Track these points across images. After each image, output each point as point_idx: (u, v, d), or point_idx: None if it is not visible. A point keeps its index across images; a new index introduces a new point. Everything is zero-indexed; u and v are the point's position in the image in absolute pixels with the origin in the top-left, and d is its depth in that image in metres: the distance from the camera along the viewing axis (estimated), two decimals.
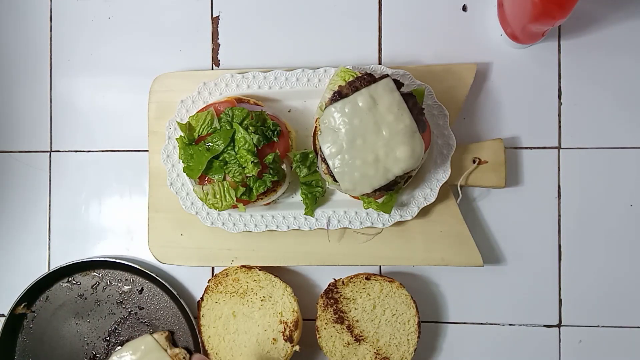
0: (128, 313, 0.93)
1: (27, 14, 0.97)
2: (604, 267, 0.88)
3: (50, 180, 0.96)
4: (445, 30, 0.90)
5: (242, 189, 0.82)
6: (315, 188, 0.86)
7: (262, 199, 0.85)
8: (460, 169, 0.87)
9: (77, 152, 0.96)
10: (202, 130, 0.83)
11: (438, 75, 0.87)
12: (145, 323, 0.93)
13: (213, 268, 0.93)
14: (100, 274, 0.94)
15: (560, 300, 0.89)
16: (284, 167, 0.85)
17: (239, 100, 0.86)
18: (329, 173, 0.80)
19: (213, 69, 0.94)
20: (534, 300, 0.89)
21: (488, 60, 0.90)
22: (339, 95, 0.79)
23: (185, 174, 0.84)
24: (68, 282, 0.94)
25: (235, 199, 0.82)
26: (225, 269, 0.90)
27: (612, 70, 0.88)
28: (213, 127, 0.83)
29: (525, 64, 0.89)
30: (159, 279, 0.91)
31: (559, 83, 0.89)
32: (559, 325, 0.89)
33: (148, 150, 0.92)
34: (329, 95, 0.80)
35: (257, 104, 0.86)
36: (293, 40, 0.92)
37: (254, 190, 0.82)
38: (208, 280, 0.90)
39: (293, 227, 0.87)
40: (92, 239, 0.95)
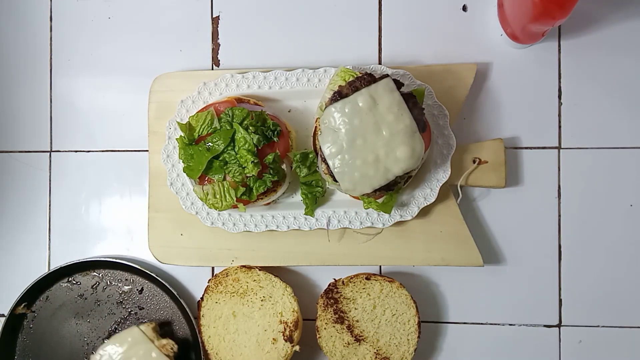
0: (128, 313, 0.93)
1: (27, 14, 0.97)
2: (604, 267, 0.88)
3: (50, 180, 0.96)
4: (445, 30, 0.90)
5: (242, 189, 0.82)
6: (315, 188, 0.86)
7: (262, 199, 0.85)
8: (460, 169, 0.87)
9: (77, 152, 0.96)
10: (202, 130, 0.83)
11: (438, 75, 0.87)
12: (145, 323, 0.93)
13: (213, 268, 0.93)
14: (100, 274, 0.94)
15: (560, 300, 0.89)
16: (284, 167, 0.85)
17: (239, 100, 0.86)
18: (329, 173, 0.80)
19: (213, 69, 0.94)
20: (534, 300, 0.89)
21: (488, 60, 0.90)
22: (339, 95, 0.79)
23: (185, 174, 0.84)
24: (68, 282, 0.94)
25: (235, 199, 0.82)
26: (225, 269, 0.90)
27: (612, 70, 0.88)
28: (213, 127, 0.83)
29: (525, 64, 0.89)
30: (159, 279, 0.91)
31: (559, 83, 0.89)
32: (559, 325, 0.89)
33: (148, 150, 0.92)
34: (329, 95, 0.80)
35: (257, 104, 0.86)
36: (293, 40, 0.92)
37: (254, 190, 0.82)
38: (208, 280, 0.90)
39: (293, 227, 0.87)
40: (92, 239, 0.95)
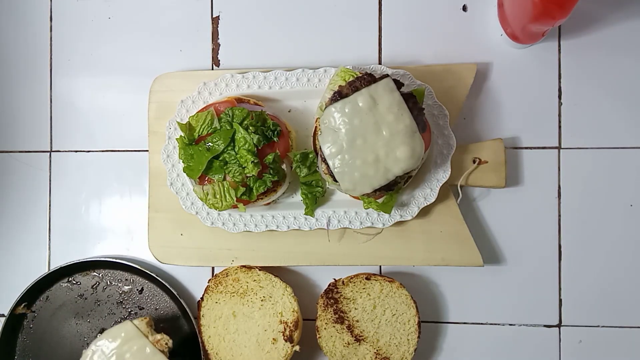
0: (128, 313, 0.93)
1: (27, 14, 0.97)
2: (604, 267, 0.88)
3: (50, 180, 0.96)
4: (445, 30, 0.90)
5: (242, 189, 0.82)
6: (316, 188, 0.86)
7: (262, 199, 0.85)
8: (461, 169, 0.87)
9: (77, 152, 0.96)
10: (202, 130, 0.83)
11: (438, 75, 0.87)
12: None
13: (213, 268, 0.93)
14: (100, 274, 0.94)
15: (560, 300, 0.89)
16: (284, 167, 0.85)
17: (239, 100, 0.86)
18: (329, 173, 0.80)
19: (213, 69, 0.94)
20: (534, 300, 0.89)
21: (488, 60, 0.90)
22: (339, 95, 0.79)
23: (185, 174, 0.84)
24: (68, 282, 0.94)
25: (235, 199, 0.82)
26: (225, 269, 0.90)
27: (612, 70, 0.88)
28: (213, 127, 0.83)
29: (525, 64, 0.89)
30: (159, 279, 0.91)
31: (559, 83, 0.89)
32: (559, 325, 0.89)
33: (148, 150, 0.92)
34: (329, 95, 0.80)
35: (257, 104, 0.86)
36: (293, 40, 0.92)
37: (254, 190, 0.82)
38: (208, 280, 0.90)
39: (293, 227, 0.87)
40: (92, 239, 0.95)
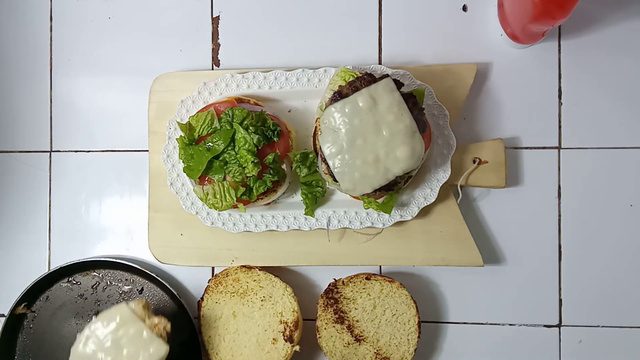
0: None
1: (27, 14, 0.97)
2: (604, 267, 0.88)
3: (50, 180, 0.96)
4: (445, 30, 0.90)
5: (242, 189, 0.82)
6: (316, 188, 0.86)
7: (262, 199, 0.85)
8: (461, 169, 0.87)
9: (77, 152, 0.96)
10: (202, 130, 0.83)
11: (438, 75, 0.87)
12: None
13: (213, 268, 0.93)
14: (101, 274, 0.94)
15: (560, 300, 0.89)
16: (284, 167, 0.85)
17: (239, 100, 0.86)
18: (329, 173, 0.80)
19: (213, 69, 0.94)
20: (534, 300, 0.89)
21: (488, 60, 0.90)
22: (339, 95, 0.79)
23: (186, 174, 0.84)
24: (68, 282, 0.94)
25: (236, 199, 0.82)
26: (225, 269, 0.90)
27: (612, 70, 0.88)
28: (213, 127, 0.83)
29: (525, 64, 0.89)
30: (159, 279, 0.91)
31: (559, 83, 0.89)
32: (559, 325, 0.89)
33: (148, 150, 0.92)
34: (329, 95, 0.80)
35: (257, 104, 0.86)
36: (293, 40, 0.92)
37: (254, 190, 0.82)
38: (208, 280, 0.90)
39: (293, 227, 0.87)
40: (92, 239, 0.95)
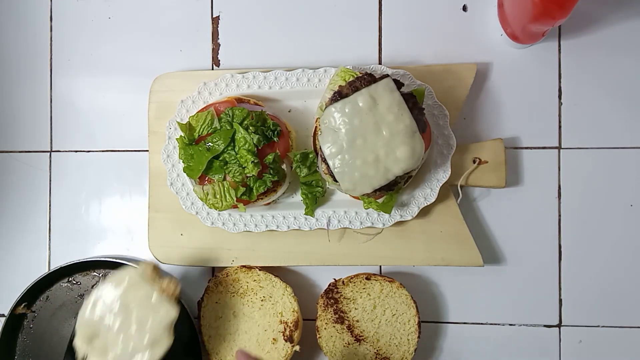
0: None
1: (27, 14, 0.97)
2: (604, 267, 0.88)
3: (50, 180, 0.96)
4: (445, 30, 0.90)
5: (242, 189, 0.82)
6: (316, 188, 0.86)
7: (262, 199, 0.85)
8: (461, 169, 0.87)
9: (77, 152, 0.96)
10: (202, 130, 0.83)
11: (438, 75, 0.87)
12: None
13: (213, 268, 0.93)
14: (101, 274, 0.94)
15: (561, 300, 0.89)
16: (284, 167, 0.85)
17: (239, 100, 0.86)
18: (329, 173, 0.80)
19: (213, 69, 0.94)
20: (534, 300, 0.89)
21: (488, 60, 0.90)
22: (339, 95, 0.79)
23: (186, 174, 0.84)
24: (68, 282, 0.94)
25: (236, 199, 0.82)
26: (225, 269, 0.90)
27: (612, 70, 0.88)
28: (213, 127, 0.83)
29: (525, 64, 0.89)
30: None
31: (559, 83, 0.89)
32: (559, 325, 0.89)
33: (148, 150, 0.92)
34: (329, 95, 0.80)
35: (257, 104, 0.86)
36: (293, 40, 0.92)
37: (254, 190, 0.82)
38: (208, 280, 0.90)
39: (293, 227, 0.87)
40: (92, 239, 0.95)
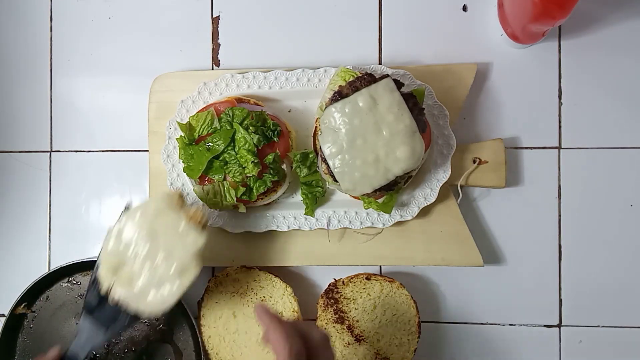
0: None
1: (27, 14, 0.97)
2: (604, 267, 0.88)
3: (50, 180, 0.96)
4: (446, 30, 0.90)
5: (242, 189, 0.82)
6: (316, 188, 0.86)
7: (262, 199, 0.85)
8: (461, 169, 0.87)
9: (77, 152, 0.96)
10: (202, 130, 0.83)
11: (438, 75, 0.87)
12: (146, 323, 0.92)
13: (213, 268, 0.93)
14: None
15: (561, 300, 0.89)
16: (284, 167, 0.85)
17: (239, 100, 0.86)
18: (329, 173, 0.80)
19: (213, 69, 0.94)
20: (534, 300, 0.89)
21: (488, 60, 0.90)
22: (339, 95, 0.79)
23: (186, 174, 0.84)
24: (68, 282, 0.94)
25: (236, 199, 0.82)
26: (225, 269, 0.90)
27: (612, 70, 0.88)
28: (213, 127, 0.83)
29: (525, 64, 0.89)
30: None
31: (559, 83, 0.89)
32: (559, 325, 0.89)
33: (148, 150, 0.92)
34: (329, 95, 0.80)
35: (257, 104, 0.86)
36: (293, 40, 0.92)
37: (254, 190, 0.82)
38: (208, 280, 0.90)
39: (293, 227, 0.87)
40: (92, 239, 0.95)
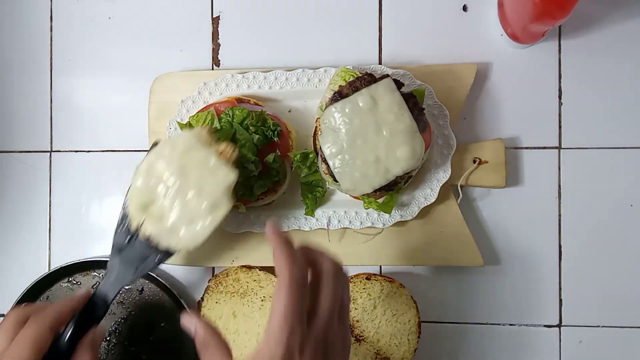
0: (128, 313, 0.93)
1: (27, 14, 0.97)
2: (604, 266, 0.88)
3: (50, 180, 0.96)
4: (446, 30, 0.90)
5: (242, 189, 0.82)
6: (316, 188, 0.86)
7: (262, 199, 0.85)
8: (461, 169, 0.87)
9: (77, 152, 0.96)
10: None
11: (438, 75, 0.87)
12: (146, 323, 0.93)
13: (213, 268, 0.93)
14: (101, 274, 0.94)
15: (561, 300, 0.89)
16: (284, 167, 0.85)
17: (239, 100, 0.86)
18: (329, 173, 0.80)
19: (213, 69, 0.94)
20: (534, 300, 0.89)
21: (488, 60, 0.90)
22: (339, 95, 0.79)
23: None
24: (68, 282, 0.94)
25: (236, 199, 0.82)
26: (226, 269, 0.90)
27: (612, 71, 0.88)
28: (213, 127, 0.83)
29: (526, 64, 0.89)
30: (159, 279, 0.91)
31: (559, 83, 0.89)
32: (559, 325, 0.89)
33: (148, 151, 0.92)
34: (329, 95, 0.80)
35: (257, 104, 0.86)
36: (293, 40, 0.92)
37: (254, 190, 0.82)
38: (208, 280, 0.90)
39: (293, 227, 0.87)
40: (92, 239, 0.95)
